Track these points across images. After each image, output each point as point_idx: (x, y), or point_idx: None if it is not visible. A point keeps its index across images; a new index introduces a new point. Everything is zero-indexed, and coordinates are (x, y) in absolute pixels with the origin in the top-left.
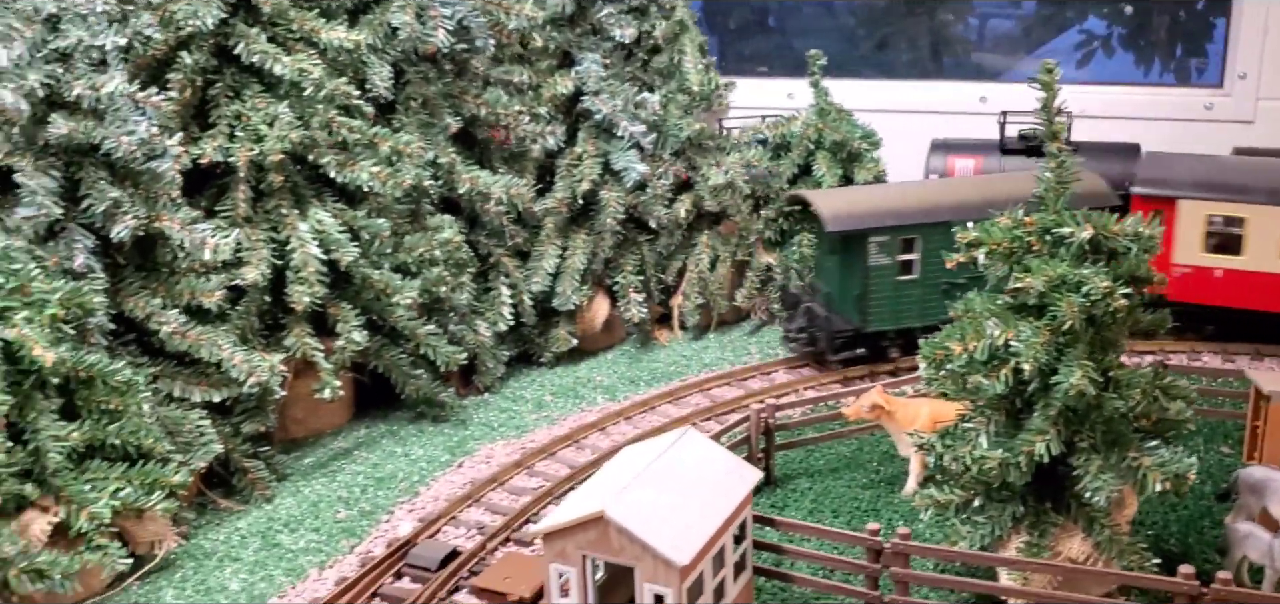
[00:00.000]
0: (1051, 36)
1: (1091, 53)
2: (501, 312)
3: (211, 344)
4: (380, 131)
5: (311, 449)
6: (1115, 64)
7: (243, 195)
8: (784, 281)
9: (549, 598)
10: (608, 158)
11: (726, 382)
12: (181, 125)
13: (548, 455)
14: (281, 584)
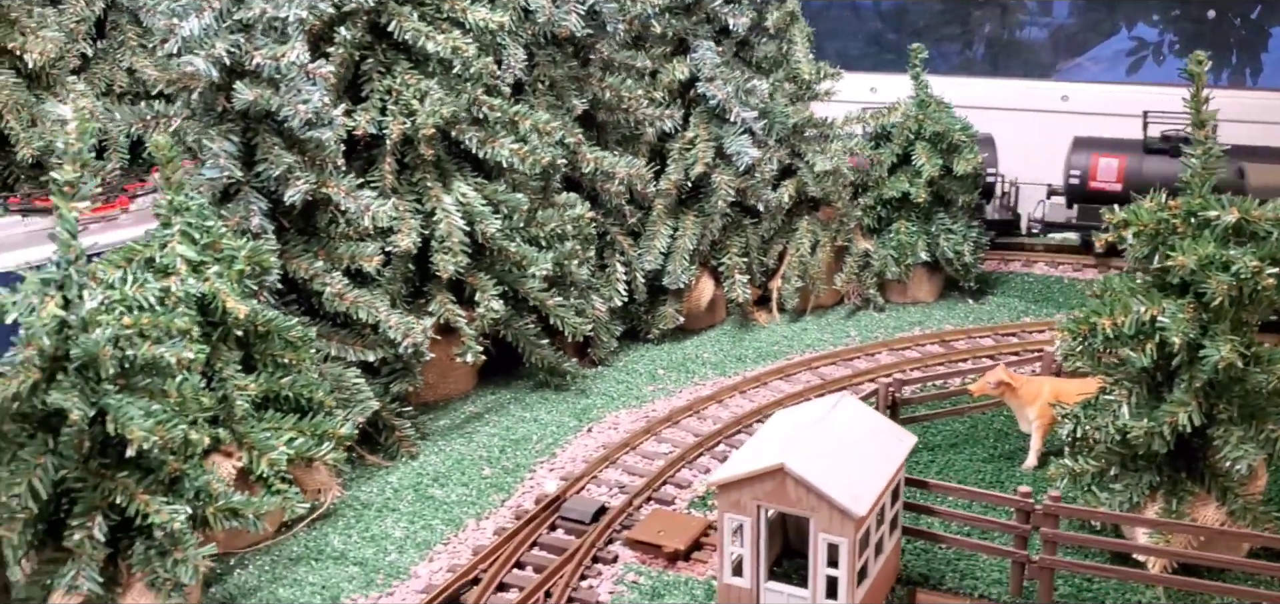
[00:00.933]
0: (1095, 42)
1: (1142, 60)
2: (617, 287)
3: (369, 306)
4: (520, 110)
5: (444, 412)
6: (1165, 71)
7: (389, 167)
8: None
9: (722, 546)
10: (720, 142)
11: (832, 361)
12: (335, 98)
13: (671, 424)
14: (442, 533)
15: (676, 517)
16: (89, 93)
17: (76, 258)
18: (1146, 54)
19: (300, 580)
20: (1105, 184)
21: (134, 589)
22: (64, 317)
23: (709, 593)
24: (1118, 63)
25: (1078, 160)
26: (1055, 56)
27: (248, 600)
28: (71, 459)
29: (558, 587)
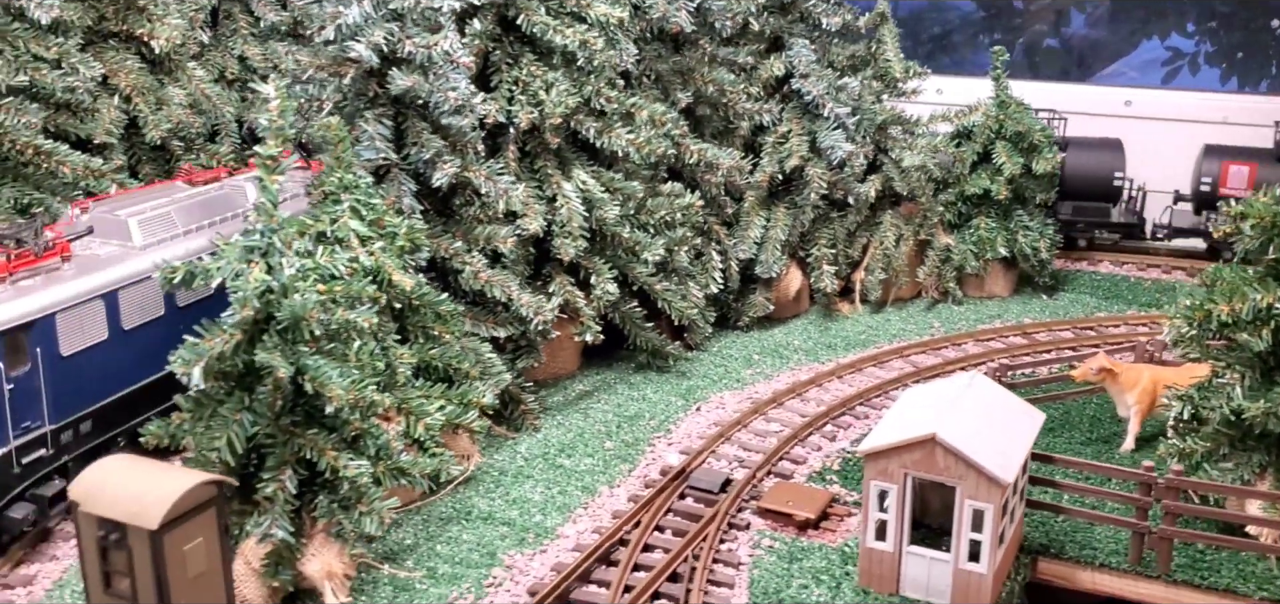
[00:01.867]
0: (1126, 51)
1: (1177, 69)
2: (713, 275)
3: (503, 285)
4: (636, 101)
5: (556, 389)
6: (1200, 79)
7: (512, 155)
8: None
9: (866, 512)
10: (813, 137)
11: (921, 350)
12: None
13: (776, 405)
14: (579, 498)
15: (801, 488)
16: (207, 78)
17: (278, 227)
18: (1182, 64)
19: (455, 538)
20: (1235, 190)
21: (316, 539)
22: (268, 282)
23: (843, 558)
24: (1148, 71)
25: (1208, 167)
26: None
27: (408, 556)
28: (264, 416)
29: (702, 550)
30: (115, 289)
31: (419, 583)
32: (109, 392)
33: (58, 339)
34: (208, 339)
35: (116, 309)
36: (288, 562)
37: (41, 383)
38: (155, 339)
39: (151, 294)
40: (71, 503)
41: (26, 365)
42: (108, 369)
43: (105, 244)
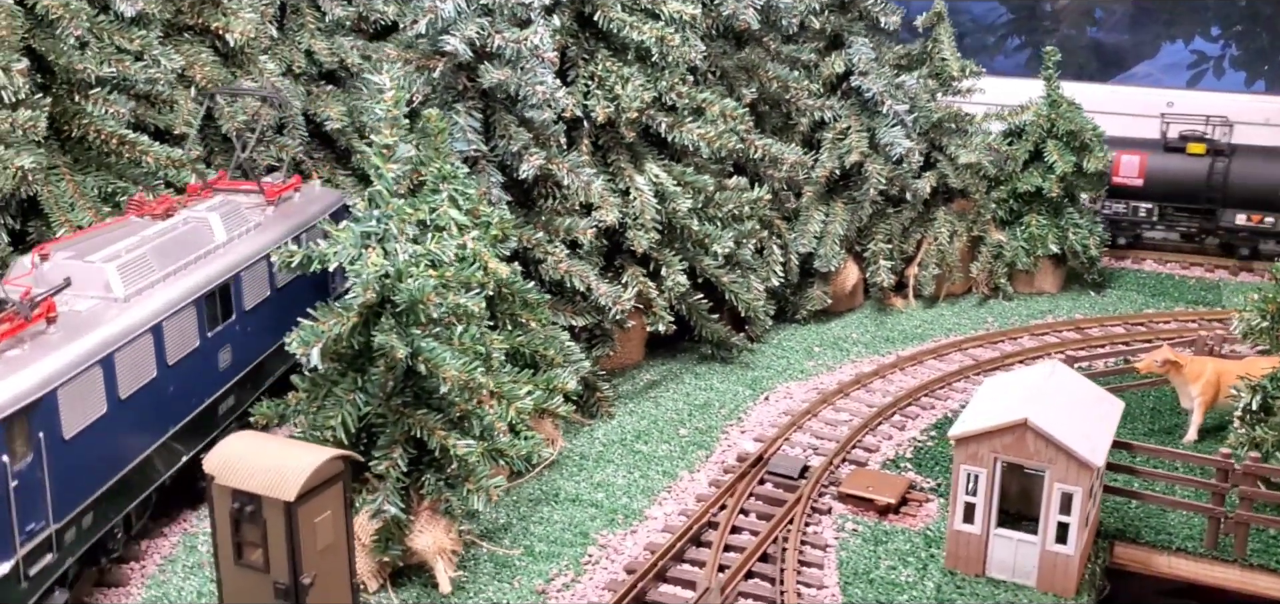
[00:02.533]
0: (1148, 54)
1: (1202, 73)
2: (774, 268)
3: (582, 276)
4: (708, 96)
5: (623, 379)
6: (1225, 82)
7: (586, 148)
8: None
9: (955, 495)
10: (872, 133)
11: (978, 344)
12: None
13: (843, 395)
14: (661, 482)
15: (879, 475)
16: (276, 71)
17: (393, 214)
18: (1207, 67)
19: (547, 518)
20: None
21: (422, 516)
22: (386, 267)
23: (926, 541)
24: (1171, 75)
25: None
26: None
27: (504, 535)
28: (376, 396)
29: (789, 532)
30: (111, 352)
31: (518, 560)
32: (108, 475)
33: (60, 420)
34: (324, 321)
35: (113, 376)
36: (397, 538)
37: (45, 474)
38: (149, 405)
39: (143, 354)
40: (206, 476)
41: (30, 456)
42: (107, 448)
43: (84, 298)
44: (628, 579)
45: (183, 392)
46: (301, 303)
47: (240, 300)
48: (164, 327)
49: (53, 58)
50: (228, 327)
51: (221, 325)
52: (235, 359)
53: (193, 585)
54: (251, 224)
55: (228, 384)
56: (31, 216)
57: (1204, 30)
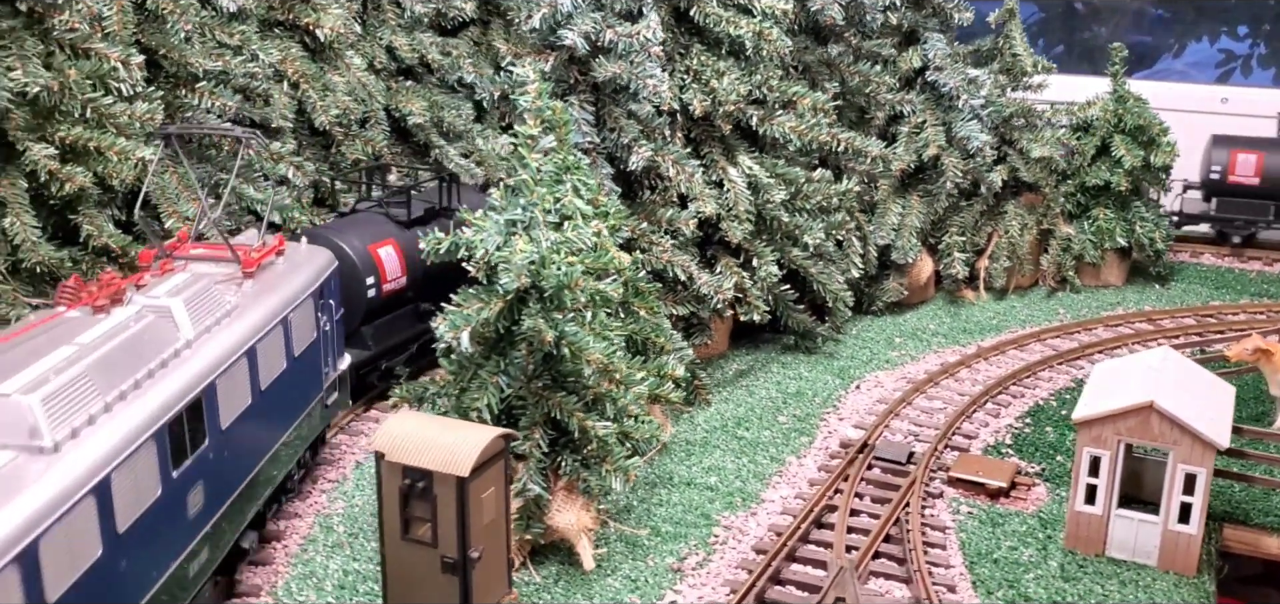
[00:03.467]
0: (1175, 52)
1: (1230, 71)
2: (854, 260)
3: (684, 266)
4: (799, 90)
5: (712, 369)
6: (1253, 80)
7: (679, 141)
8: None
9: (1077, 477)
10: (948, 127)
11: (1056, 335)
12: None
13: (934, 384)
14: (771, 466)
15: (987, 460)
16: (361, 66)
17: (537, 203)
18: (1235, 66)
19: (666, 500)
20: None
21: (558, 496)
22: (535, 254)
23: (1042, 523)
24: (1198, 72)
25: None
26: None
27: (628, 517)
28: (517, 379)
29: (907, 515)
30: (35, 538)
31: (647, 540)
32: None
33: None
34: (468, 306)
35: (38, 573)
36: (537, 516)
37: None
38: (92, 596)
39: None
40: (376, 453)
41: None
42: None
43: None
44: (760, 558)
45: (138, 565)
46: (293, 403)
47: (215, 418)
48: (112, 481)
49: (163, 51)
50: (199, 458)
51: (190, 459)
52: (209, 499)
53: (336, 564)
54: (226, 308)
55: (199, 536)
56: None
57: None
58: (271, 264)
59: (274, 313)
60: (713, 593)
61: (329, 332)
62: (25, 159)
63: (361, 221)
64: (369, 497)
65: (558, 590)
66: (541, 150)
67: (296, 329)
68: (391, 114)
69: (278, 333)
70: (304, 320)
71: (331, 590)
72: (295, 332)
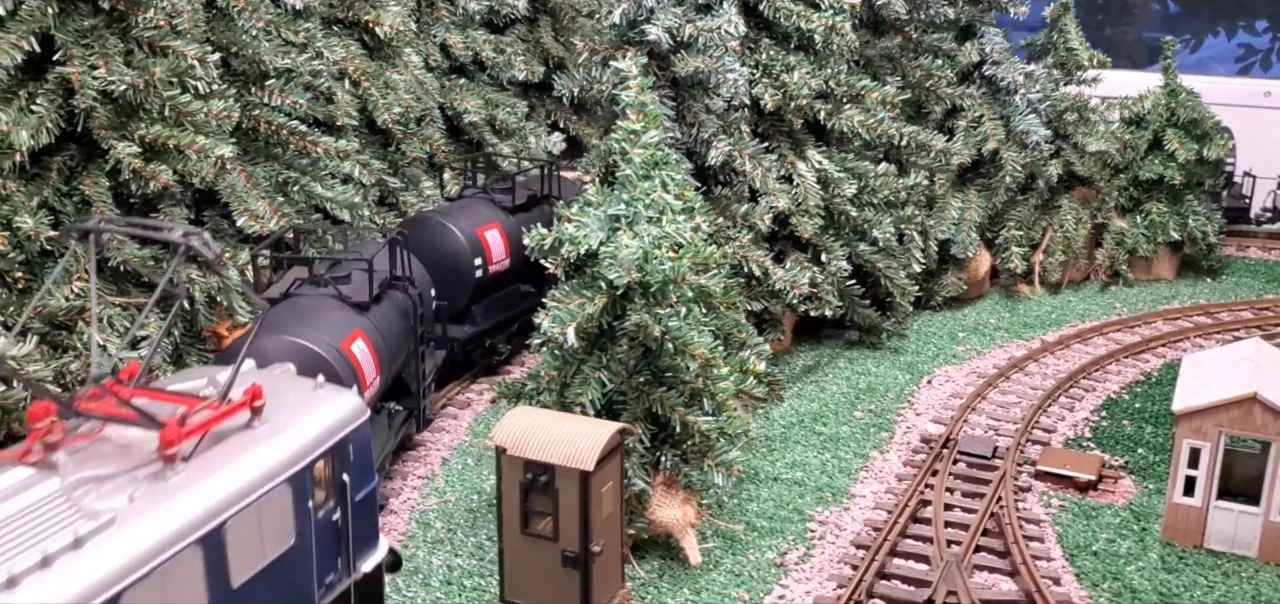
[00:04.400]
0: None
1: (1249, 65)
2: (915, 255)
3: (759, 261)
4: (867, 84)
5: (780, 365)
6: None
7: (745, 135)
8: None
9: (1176, 468)
10: (1007, 121)
11: (1117, 329)
12: None
13: (1005, 378)
14: (855, 462)
15: (1072, 453)
16: (419, 64)
17: (640, 197)
18: (1255, 60)
19: (756, 496)
20: None
21: (658, 491)
22: (642, 249)
23: (1135, 515)
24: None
25: None
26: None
27: (721, 513)
28: (619, 375)
29: (1004, 509)
30: None
31: (743, 534)
32: None
33: None
34: (572, 301)
35: None
36: (640, 511)
37: None
38: None
39: None
40: (497, 448)
41: None
42: None
43: None
44: (862, 553)
45: None
46: None
47: None
48: None
49: (234, 49)
50: None
51: None
52: None
53: (439, 560)
54: (89, 525)
55: None
56: (206, 206)
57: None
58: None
59: (188, 527)
60: (820, 587)
61: (340, 523)
62: (108, 157)
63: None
64: (461, 492)
65: (664, 585)
66: (644, 145)
67: (247, 539)
68: (445, 112)
69: (190, 559)
70: (271, 520)
71: (438, 586)
72: (242, 544)
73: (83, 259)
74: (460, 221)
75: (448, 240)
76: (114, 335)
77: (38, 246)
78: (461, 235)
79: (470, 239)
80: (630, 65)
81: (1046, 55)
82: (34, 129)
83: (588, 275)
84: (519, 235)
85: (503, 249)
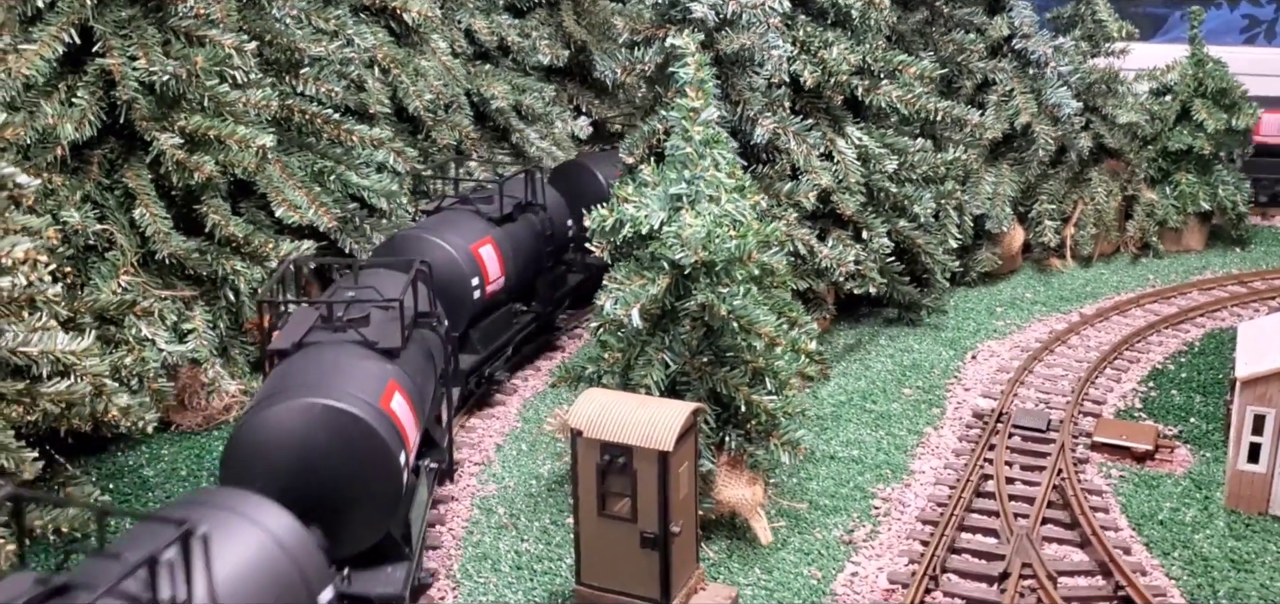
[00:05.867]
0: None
1: (1254, 36)
2: (951, 231)
3: (805, 239)
4: (905, 58)
5: (823, 344)
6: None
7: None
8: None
9: (1238, 436)
10: (1038, 94)
11: (1154, 300)
12: None
13: (1048, 352)
14: (909, 438)
15: (1127, 424)
16: (446, 51)
17: (702, 175)
18: (1259, 31)
19: (815, 475)
20: None
21: (722, 471)
22: (706, 227)
23: (1195, 484)
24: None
25: None
26: None
27: (782, 491)
28: (681, 355)
29: (1065, 480)
30: None
31: (807, 513)
32: None
33: None
34: (633, 282)
35: None
36: (706, 492)
37: None
38: None
39: None
40: (573, 430)
41: None
42: None
43: None
44: (932, 529)
45: None
46: None
47: None
48: None
49: (268, 37)
50: None
51: None
52: None
53: (506, 545)
54: None
55: None
56: (242, 197)
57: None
58: None
59: None
60: (892, 564)
61: None
62: (150, 150)
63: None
64: (519, 478)
65: (733, 564)
66: (703, 122)
67: None
68: (471, 98)
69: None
70: None
71: (508, 570)
72: None
73: None
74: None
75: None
76: (162, 328)
77: (83, 240)
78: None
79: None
80: (688, 42)
81: (1074, 27)
82: (77, 122)
83: (646, 256)
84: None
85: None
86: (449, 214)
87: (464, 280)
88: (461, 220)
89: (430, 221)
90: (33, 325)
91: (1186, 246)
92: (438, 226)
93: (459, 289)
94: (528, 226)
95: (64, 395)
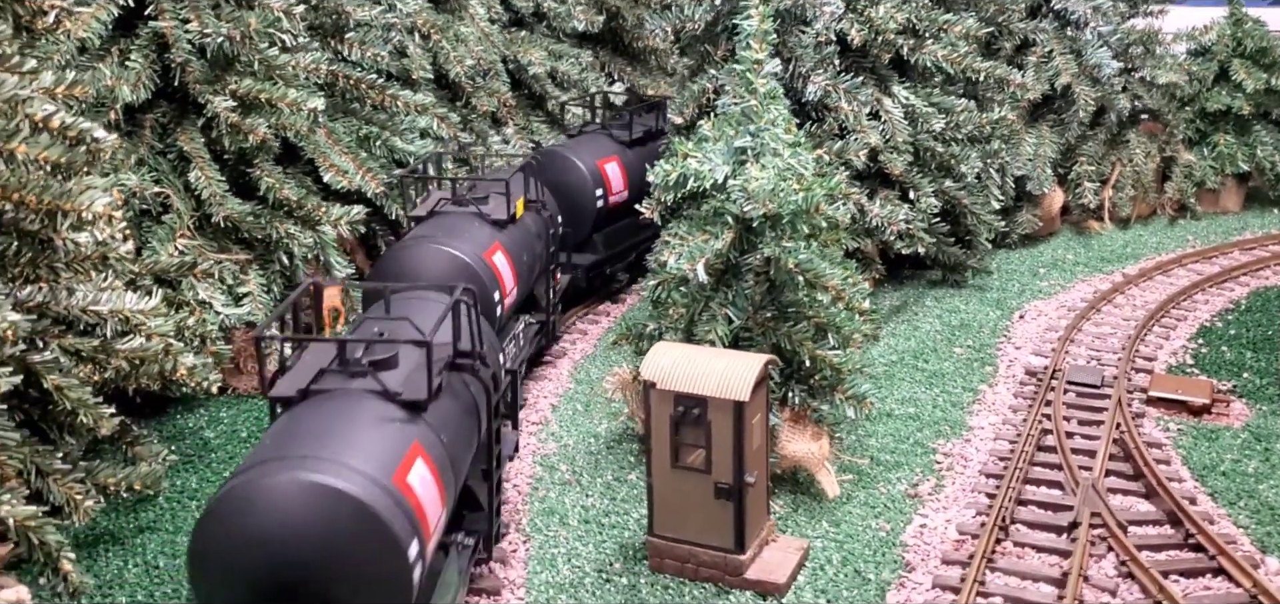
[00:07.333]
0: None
1: None
2: (993, 191)
3: (856, 198)
4: (950, 17)
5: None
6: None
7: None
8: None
9: None
10: (1078, 54)
11: (1196, 260)
12: None
13: (1095, 310)
14: (965, 396)
15: (1182, 378)
16: (484, 16)
17: (767, 128)
18: None
19: (874, 431)
20: None
21: (786, 425)
22: (772, 180)
23: (1255, 436)
24: None
25: None
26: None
27: (843, 447)
28: (744, 310)
29: (1125, 434)
30: None
31: (868, 468)
32: None
33: None
34: (696, 237)
35: None
36: (771, 447)
37: None
38: None
39: None
40: (645, 382)
41: None
42: None
43: None
44: (996, 482)
45: None
46: None
47: None
48: None
49: (314, 2)
50: None
51: None
52: None
53: (572, 500)
54: None
55: None
56: (287, 163)
57: None
58: None
59: None
60: (959, 516)
61: None
62: (203, 112)
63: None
64: (577, 437)
65: (800, 517)
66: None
67: None
68: (506, 64)
69: None
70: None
71: (577, 523)
72: None
73: None
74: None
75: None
76: (219, 291)
77: (140, 203)
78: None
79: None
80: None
81: None
82: (133, 83)
83: (709, 211)
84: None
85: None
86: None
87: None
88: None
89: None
90: (100, 285)
91: (1224, 208)
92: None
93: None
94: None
95: (137, 353)
